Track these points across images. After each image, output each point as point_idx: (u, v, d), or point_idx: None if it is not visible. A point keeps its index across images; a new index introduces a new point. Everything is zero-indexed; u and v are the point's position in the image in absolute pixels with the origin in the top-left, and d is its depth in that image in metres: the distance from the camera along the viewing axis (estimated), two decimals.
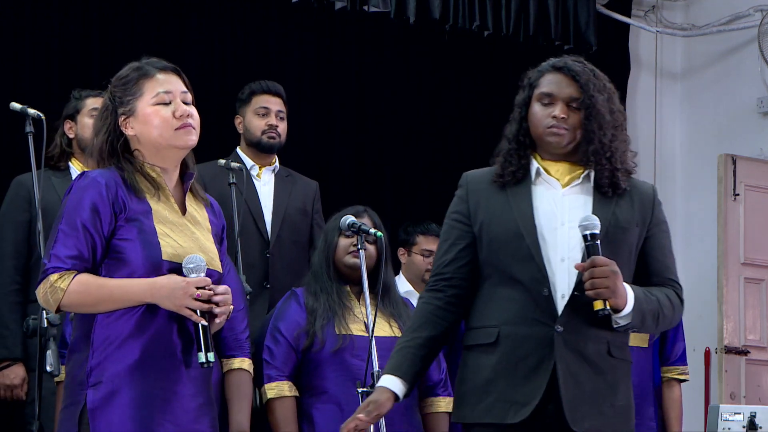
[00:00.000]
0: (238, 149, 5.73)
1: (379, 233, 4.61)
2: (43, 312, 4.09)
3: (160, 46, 6.38)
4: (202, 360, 3.34)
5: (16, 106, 4.68)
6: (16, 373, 5.06)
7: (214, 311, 3.34)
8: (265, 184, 5.70)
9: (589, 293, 3.35)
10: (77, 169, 5.22)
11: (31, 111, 4.62)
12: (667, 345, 5.24)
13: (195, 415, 3.38)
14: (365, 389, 4.25)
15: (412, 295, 5.63)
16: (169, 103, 3.44)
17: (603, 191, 3.53)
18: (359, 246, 4.59)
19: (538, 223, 3.47)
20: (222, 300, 3.36)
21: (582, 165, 3.54)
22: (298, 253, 5.61)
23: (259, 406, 4.76)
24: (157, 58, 3.54)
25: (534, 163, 3.56)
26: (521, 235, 3.45)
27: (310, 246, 5.55)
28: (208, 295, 3.33)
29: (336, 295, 4.70)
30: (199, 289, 3.32)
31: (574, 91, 3.52)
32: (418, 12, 7.13)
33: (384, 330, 4.61)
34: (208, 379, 3.45)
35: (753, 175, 7.62)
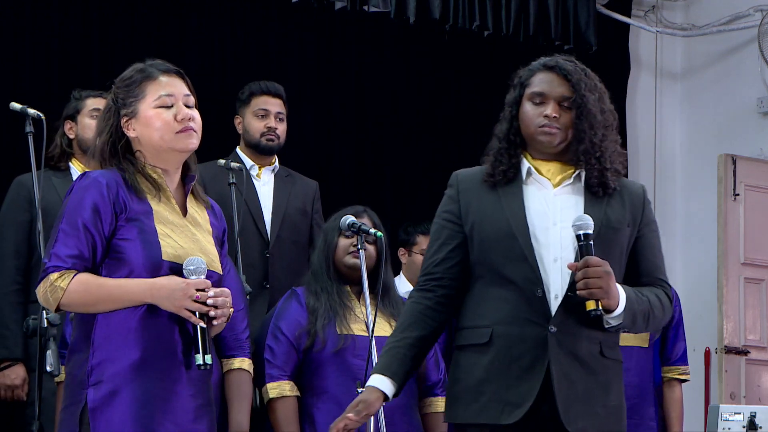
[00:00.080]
0: (238, 149, 5.73)
1: (379, 233, 4.61)
2: (43, 312, 4.09)
3: (160, 46, 6.38)
4: (199, 362, 3.34)
5: (16, 106, 4.68)
6: (17, 374, 5.05)
7: (212, 314, 3.34)
8: (264, 184, 5.69)
9: (582, 293, 3.34)
10: (78, 169, 5.22)
11: (31, 111, 4.62)
12: (668, 345, 5.24)
13: (194, 415, 3.38)
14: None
15: None
16: (171, 106, 3.44)
17: (593, 191, 3.52)
18: (359, 246, 4.59)
19: (531, 223, 3.46)
20: (221, 302, 3.36)
21: (573, 165, 3.53)
22: (298, 253, 5.61)
23: (259, 406, 4.76)
24: (160, 59, 3.53)
25: (525, 163, 3.54)
26: (513, 236, 3.44)
27: (309, 246, 5.55)
28: (208, 297, 3.33)
29: (337, 295, 4.70)
30: (198, 291, 3.32)
31: (566, 91, 3.51)
32: (418, 12, 7.13)
33: (384, 330, 4.60)
34: (207, 380, 3.45)
35: (753, 175, 7.61)
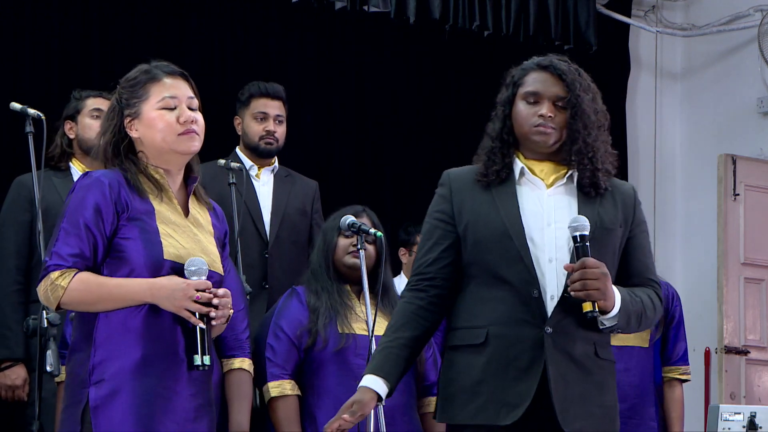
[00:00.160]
0: (237, 149, 5.72)
1: (379, 233, 4.61)
2: (43, 312, 4.08)
3: (160, 46, 6.38)
4: (198, 362, 3.35)
5: (16, 106, 4.68)
6: (18, 374, 5.05)
7: (212, 314, 3.35)
8: (264, 184, 5.69)
9: (579, 295, 3.33)
10: (78, 169, 5.22)
11: (31, 111, 4.62)
12: (669, 345, 5.23)
13: (194, 415, 3.39)
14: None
15: None
16: (174, 108, 3.45)
17: (585, 191, 3.51)
18: (359, 246, 4.59)
19: (526, 223, 3.44)
20: (222, 303, 3.36)
21: (565, 165, 3.52)
22: (298, 254, 5.59)
23: (259, 406, 4.76)
24: (160, 59, 3.54)
25: (518, 163, 3.53)
26: (509, 236, 3.42)
27: (309, 246, 5.54)
28: (208, 298, 3.33)
29: (337, 294, 4.69)
30: (199, 291, 3.32)
31: (561, 90, 3.49)
32: (418, 12, 7.14)
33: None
34: (208, 380, 3.45)
35: (753, 175, 7.61)
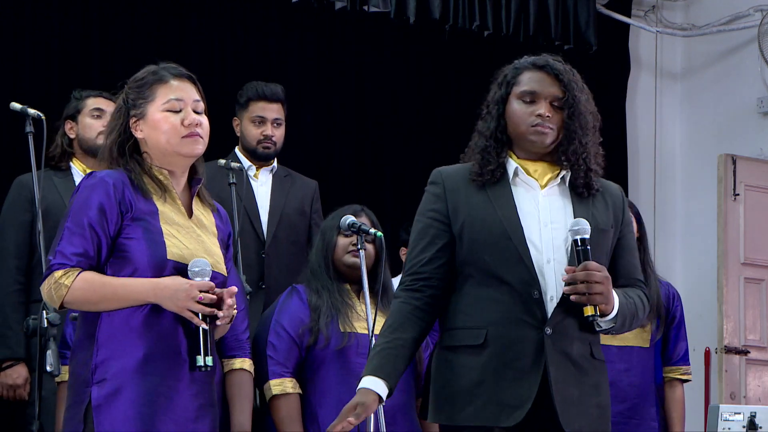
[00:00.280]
0: (237, 149, 5.72)
1: (378, 233, 4.61)
2: (43, 312, 4.09)
3: (160, 46, 6.38)
4: (200, 363, 3.35)
5: (16, 106, 4.68)
6: (19, 373, 5.05)
7: (216, 314, 3.35)
8: (262, 184, 5.68)
9: (582, 299, 3.33)
10: (78, 169, 5.22)
11: (31, 111, 4.62)
12: (670, 345, 5.23)
13: (196, 414, 3.39)
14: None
15: None
16: (179, 111, 3.46)
17: (578, 192, 3.50)
18: (359, 246, 4.59)
19: (524, 224, 3.43)
20: (228, 303, 3.37)
21: (558, 165, 3.51)
22: (296, 254, 5.58)
23: (259, 405, 4.75)
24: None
25: (511, 163, 3.51)
26: (508, 236, 3.40)
27: (308, 245, 5.53)
28: (211, 299, 3.34)
29: (338, 293, 4.70)
30: (202, 292, 3.32)
31: (558, 91, 3.48)
32: (418, 12, 7.14)
33: None
34: (211, 380, 3.46)
35: (753, 175, 7.61)
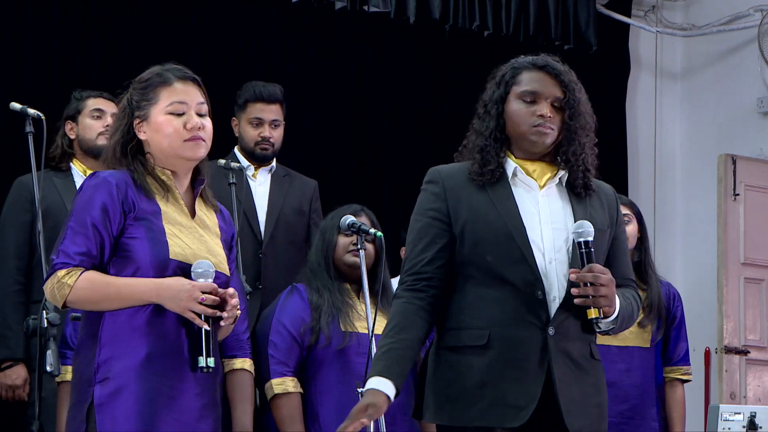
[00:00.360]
0: (236, 149, 5.71)
1: (378, 233, 4.61)
2: (43, 312, 4.09)
3: (160, 46, 6.38)
4: (201, 364, 3.35)
5: (16, 106, 4.68)
6: (18, 374, 5.05)
7: (219, 315, 3.35)
8: (260, 184, 5.68)
9: (588, 302, 3.33)
10: (79, 170, 5.21)
11: (31, 111, 4.62)
12: (670, 345, 5.23)
13: (198, 414, 3.40)
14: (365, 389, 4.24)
15: None
16: (183, 114, 3.46)
17: (576, 192, 3.50)
18: (359, 246, 4.59)
19: (526, 224, 3.42)
20: (231, 304, 3.37)
21: (555, 165, 3.51)
22: (294, 254, 5.57)
23: (259, 405, 4.75)
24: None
25: (510, 162, 3.49)
26: (511, 237, 3.39)
27: (306, 245, 5.52)
28: (213, 300, 3.34)
29: (338, 293, 4.70)
30: (204, 293, 3.33)
31: (558, 91, 3.47)
32: (418, 12, 7.14)
33: None
34: (214, 380, 3.47)
35: (753, 175, 7.61)
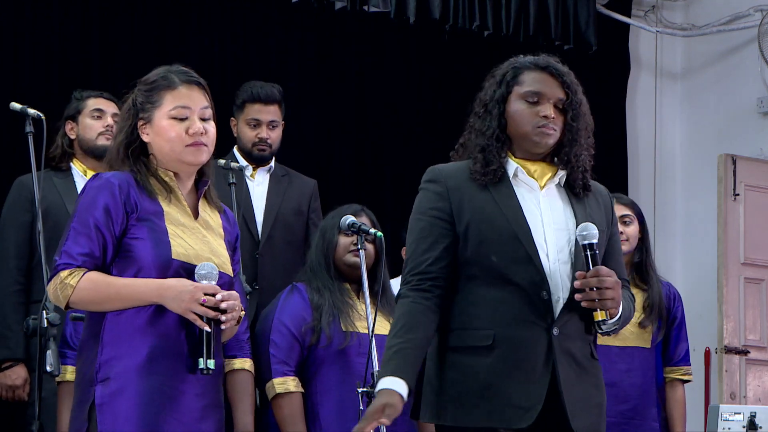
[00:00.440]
0: (235, 149, 5.70)
1: (378, 233, 4.61)
2: (43, 312, 4.09)
3: (160, 46, 6.38)
4: (202, 366, 3.35)
5: (16, 106, 4.68)
6: (18, 374, 5.05)
7: (220, 318, 3.35)
8: (258, 184, 5.67)
9: (594, 305, 3.33)
10: (79, 170, 5.21)
11: (31, 111, 4.61)
12: (671, 345, 5.23)
13: (200, 414, 3.40)
14: (365, 389, 4.24)
15: None
16: (185, 119, 3.46)
17: (575, 192, 3.50)
18: (360, 246, 4.59)
19: (530, 224, 3.42)
20: (230, 306, 3.37)
21: (555, 165, 3.51)
22: (292, 254, 5.56)
23: (259, 405, 4.75)
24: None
25: (511, 163, 3.49)
26: (516, 237, 3.39)
27: (305, 245, 5.50)
28: (215, 302, 3.34)
29: (339, 293, 4.70)
30: (207, 295, 3.33)
31: (561, 92, 3.47)
32: (418, 12, 7.14)
33: (384, 328, 4.58)
34: (216, 381, 3.47)
35: (753, 175, 7.61)
